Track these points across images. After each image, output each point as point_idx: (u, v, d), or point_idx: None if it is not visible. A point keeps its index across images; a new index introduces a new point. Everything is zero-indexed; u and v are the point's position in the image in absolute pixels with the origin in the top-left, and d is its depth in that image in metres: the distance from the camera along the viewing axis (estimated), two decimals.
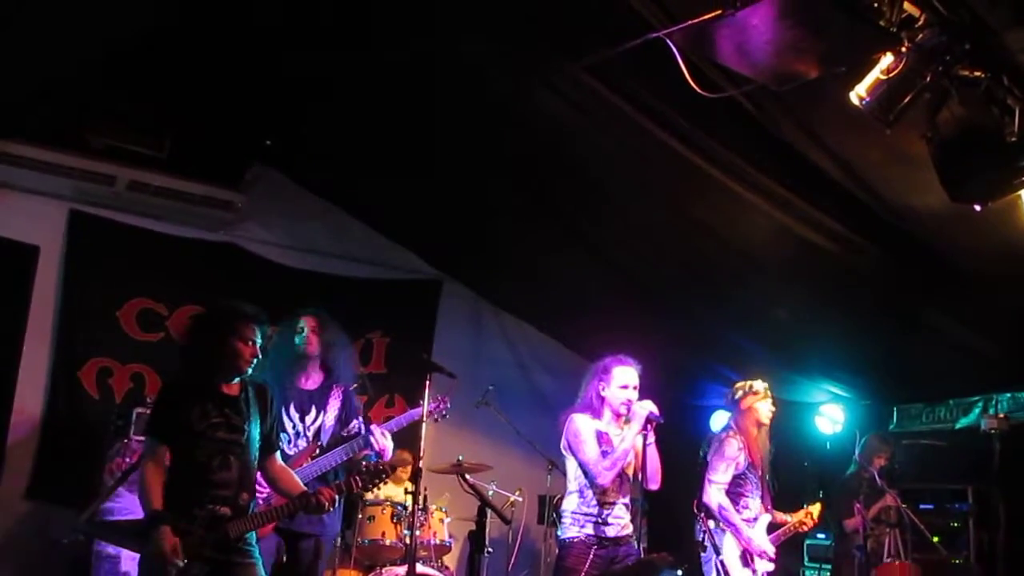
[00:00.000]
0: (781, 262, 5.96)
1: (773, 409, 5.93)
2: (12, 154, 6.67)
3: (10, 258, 6.94)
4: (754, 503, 5.83)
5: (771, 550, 5.75)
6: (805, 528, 6.05)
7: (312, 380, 5.30)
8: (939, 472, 7.16)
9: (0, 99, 6.23)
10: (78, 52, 6.06)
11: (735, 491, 5.76)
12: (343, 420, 5.29)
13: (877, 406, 7.56)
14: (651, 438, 5.09)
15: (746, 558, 5.73)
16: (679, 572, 6.27)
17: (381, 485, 4.77)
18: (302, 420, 5.17)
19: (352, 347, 5.55)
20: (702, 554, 5.65)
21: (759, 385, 5.92)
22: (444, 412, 5.47)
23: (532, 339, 8.70)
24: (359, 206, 7.94)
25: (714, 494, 5.70)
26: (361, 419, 5.41)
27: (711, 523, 5.71)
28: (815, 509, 6.02)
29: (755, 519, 5.84)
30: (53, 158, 6.76)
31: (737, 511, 5.72)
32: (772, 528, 5.90)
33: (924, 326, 6.19)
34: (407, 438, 5.52)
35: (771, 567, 5.81)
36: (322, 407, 5.23)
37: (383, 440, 5.16)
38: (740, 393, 5.89)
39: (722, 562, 5.66)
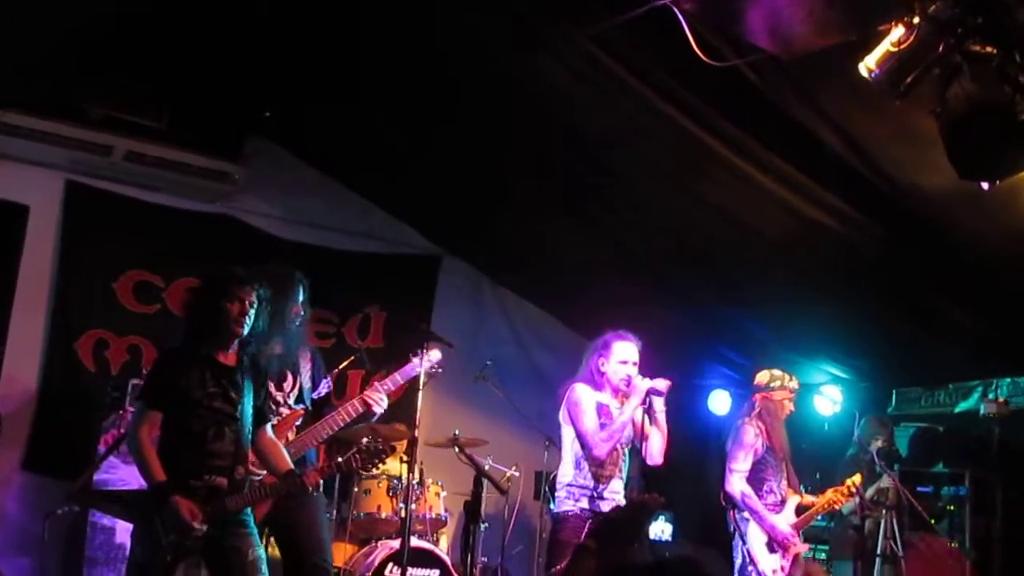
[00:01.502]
0: (783, 241, 5.91)
1: (793, 399, 5.98)
2: (8, 123, 6.60)
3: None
4: (778, 488, 5.85)
5: (793, 535, 5.76)
6: (837, 506, 6.07)
7: (280, 345, 5.00)
8: (937, 456, 7.15)
9: None
10: (75, 21, 6.00)
11: (757, 477, 5.79)
12: (314, 381, 5.13)
13: (876, 389, 7.54)
14: (661, 406, 5.09)
15: (772, 545, 5.74)
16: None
17: (381, 464, 4.75)
18: (279, 388, 4.98)
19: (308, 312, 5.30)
20: (733, 542, 5.70)
21: (778, 374, 5.93)
22: (433, 367, 5.31)
23: (532, 316, 8.67)
24: (358, 180, 7.89)
25: (736, 482, 5.73)
26: (328, 380, 5.27)
27: (737, 513, 5.74)
28: (853, 480, 6.02)
29: (781, 503, 5.85)
30: (49, 127, 6.70)
31: (760, 497, 5.74)
32: (801, 510, 5.90)
33: (926, 308, 6.15)
34: (404, 413, 5.49)
35: (803, 548, 5.82)
36: (296, 370, 5.06)
37: (380, 403, 5.07)
38: (777, 383, 5.92)
39: (748, 550, 5.68)
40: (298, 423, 5.01)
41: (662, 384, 5.11)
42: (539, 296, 8.60)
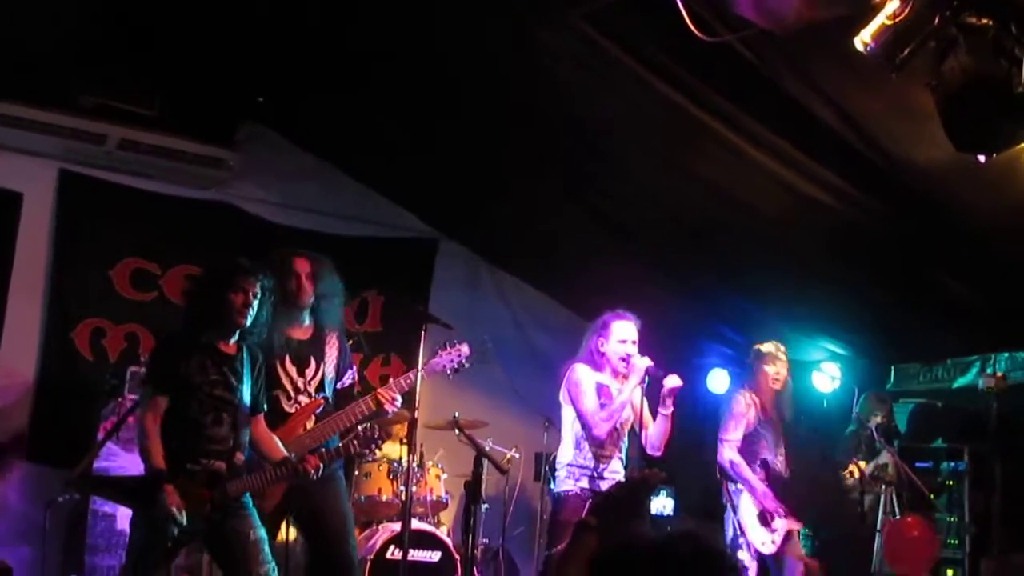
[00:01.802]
0: (780, 218, 5.90)
1: (781, 374, 5.96)
2: (2, 113, 6.57)
3: None
4: (774, 461, 5.87)
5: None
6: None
7: (305, 329, 4.99)
8: (936, 431, 7.16)
9: None
10: (67, 9, 5.97)
11: (750, 449, 5.82)
12: (339, 371, 5.05)
13: (874, 365, 7.55)
14: (669, 409, 5.11)
15: (764, 517, 5.75)
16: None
17: (376, 450, 4.75)
18: (300, 374, 4.90)
19: (342, 287, 5.21)
20: (724, 514, 5.72)
21: (766, 347, 5.96)
22: (461, 362, 5.19)
23: (530, 298, 8.66)
24: (354, 164, 7.87)
25: (725, 451, 5.76)
26: (355, 370, 5.23)
27: (731, 485, 5.76)
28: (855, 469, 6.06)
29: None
30: (42, 117, 6.66)
31: (753, 470, 5.75)
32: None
33: (923, 284, 6.15)
34: (403, 396, 5.46)
35: (797, 525, 5.82)
36: (320, 357, 4.97)
37: (394, 403, 4.98)
38: (752, 355, 5.97)
39: (739, 521, 5.71)
40: (317, 412, 4.93)
41: (673, 382, 5.13)
42: (536, 278, 8.59)
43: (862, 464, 6.10)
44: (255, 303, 4.31)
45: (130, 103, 6.87)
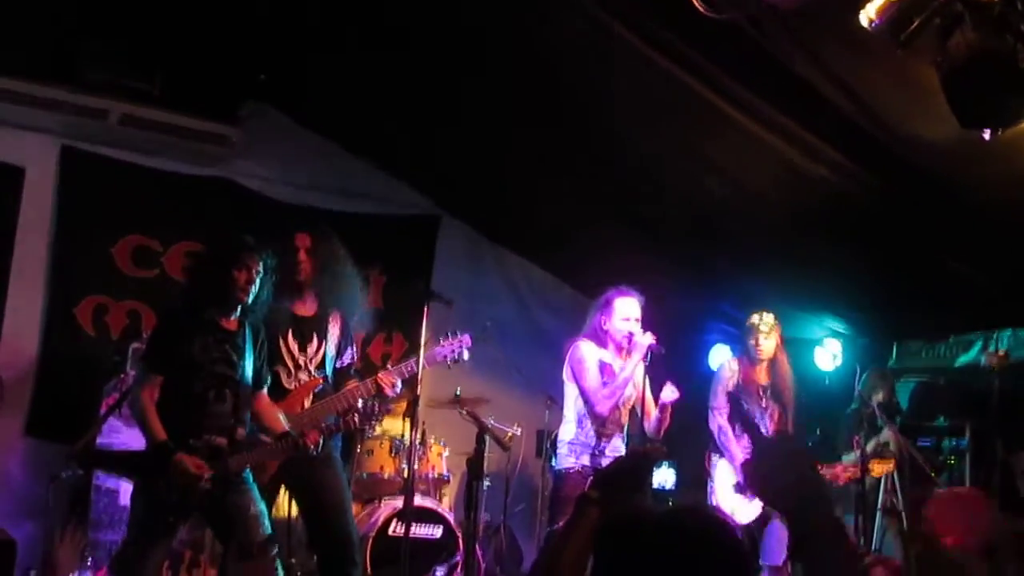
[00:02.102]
0: (783, 195, 5.88)
1: (762, 346, 5.97)
2: (1, 88, 6.55)
3: None
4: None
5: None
6: (839, 482, 6.11)
7: (308, 306, 4.96)
8: (938, 409, 7.16)
9: None
10: None
11: (731, 418, 5.85)
12: (339, 350, 5.02)
13: (876, 343, 7.54)
14: (672, 397, 5.13)
15: (741, 487, 5.77)
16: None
17: (376, 425, 4.76)
18: (302, 350, 4.87)
19: (355, 272, 5.22)
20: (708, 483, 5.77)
21: (751, 319, 5.99)
22: (460, 353, 5.16)
23: (532, 275, 8.65)
24: (356, 141, 7.84)
25: (713, 418, 5.84)
26: (354, 349, 5.19)
27: (714, 455, 5.81)
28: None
29: None
30: (43, 92, 6.65)
31: (737, 439, 5.79)
32: None
33: (926, 261, 6.14)
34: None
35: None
36: (323, 335, 4.94)
37: (394, 388, 4.95)
38: (748, 326, 6.01)
39: (712, 488, 5.75)
40: (316, 390, 4.92)
41: (669, 395, 5.16)
42: (539, 255, 8.58)
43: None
44: (257, 280, 4.31)
45: (132, 79, 6.85)
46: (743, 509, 5.72)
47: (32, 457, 6.77)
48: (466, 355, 5.20)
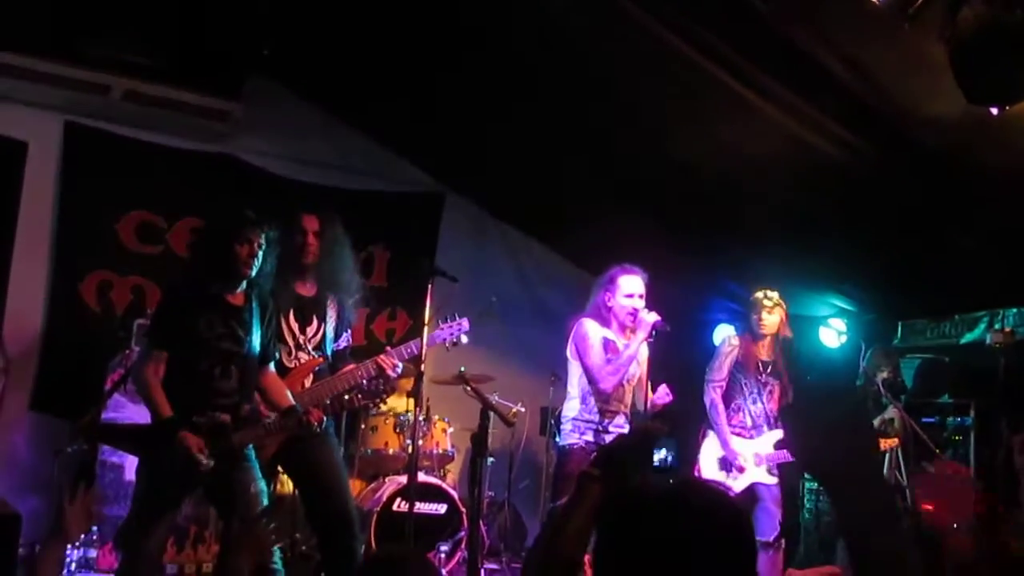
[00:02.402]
0: (788, 171, 5.85)
1: (766, 321, 5.94)
2: (4, 63, 6.52)
3: None
4: (750, 410, 5.88)
5: (749, 465, 5.76)
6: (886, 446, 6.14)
7: (309, 286, 4.94)
8: (942, 387, 7.15)
9: None
10: None
11: (727, 394, 5.87)
12: (336, 332, 5.01)
13: (882, 321, 7.53)
14: (664, 400, 5.14)
15: (726, 463, 5.79)
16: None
17: (381, 404, 4.75)
18: (302, 331, 4.86)
19: (353, 256, 5.23)
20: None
21: (756, 295, 5.98)
22: (459, 337, 5.19)
23: (536, 253, 8.64)
24: (360, 118, 7.82)
25: (708, 392, 5.86)
26: (349, 334, 5.17)
27: (709, 430, 5.83)
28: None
29: (753, 428, 5.88)
30: (46, 68, 6.61)
31: (728, 413, 5.80)
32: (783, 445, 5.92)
33: (931, 239, 6.12)
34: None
35: (770, 480, 5.81)
36: (323, 316, 4.94)
37: (394, 369, 4.93)
38: (753, 302, 6.01)
39: (699, 462, 5.78)
40: (316, 370, 4.91)
41: (663, 397, 5.20)
42: (543, 233, 8.56)
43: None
44: (260, 254, 4.30)
45: (134, 54, 6.81)
46: (728, 484, 5.72)
47: (37, 432, 6.80)
48: (464, 339, 5.22)
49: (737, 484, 5.70)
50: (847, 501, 1.59)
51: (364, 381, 4.77)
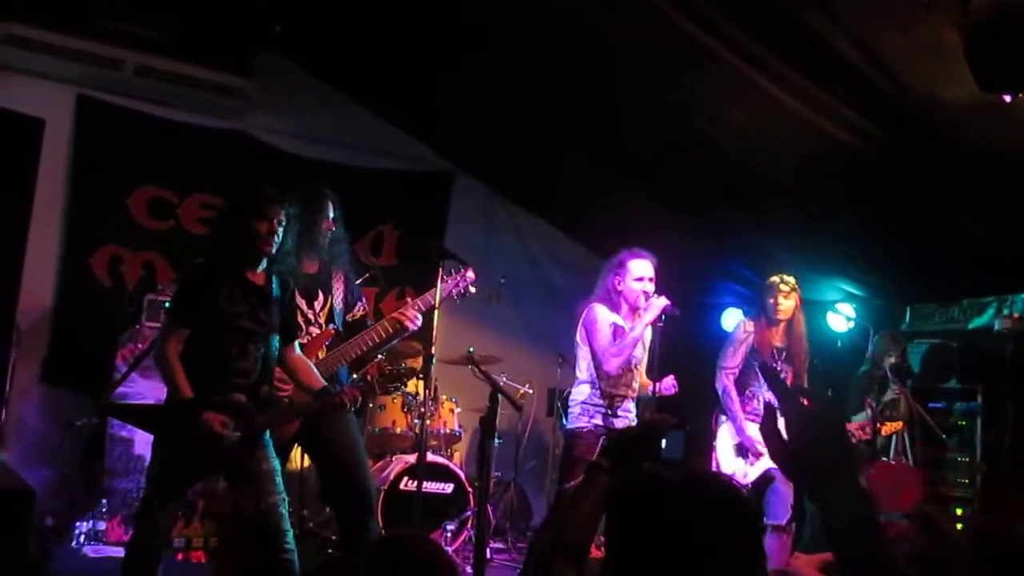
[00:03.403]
0: (797, 156, 5.84)
1: (782, 305, 5.89)
2: (18, 36, 6.53)
3: (15, 131, 6.81)
4: (767, 395, 5.84)
5: (765, 450, 5.76)
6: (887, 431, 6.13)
7: (312, 264, 4.93)
8: (950, 372, 7.14)
9: None
10: None
11: (741, 380, 5.81)
12: (348, 303, 5.03)
13: (890, 305, 7.52)
14: (670, 391, 5.14)
15: (742, 449, 5.77)
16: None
17: (402, 387, 4.75)
18: (310, 306, 4.88)
19: (348, 239, 5.19)
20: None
21: (772, 279, 5.91)
22: (466, 287, 5.15)
23: (545, 235, 8.64)
24: (371, 96, 7.81)
25: (721, 379, 5.79)
26: (364, 302, 5.19)
27: (721, 416, 5.80)
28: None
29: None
30: (60, 41, 6.63)
31: (741, 400, 5.76)
32: None
33: (941, 224, 6.11)
34: (419, 330, 5.49)
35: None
36: (328, 290, 4.95)
37: (415, 321, 4.96)
38: (766, 287, 5.94)
39: (714, 446, 5.76)
40: (328, 343, 4.93)
41: (669, 388, 5.22)
42: (552, 215, 8.56)
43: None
44: (280, 231, 4.27)
45: (148, 28, 6.82)
46: (745, 471, 5.72)
47: (48, 404, 6.85)
48: (472, 289, 5.20)
49: (754, 470, 5.71)
50: (825, 502, 1.59)
51: (388, 368, 4.77)
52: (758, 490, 5.68)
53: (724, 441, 5.80)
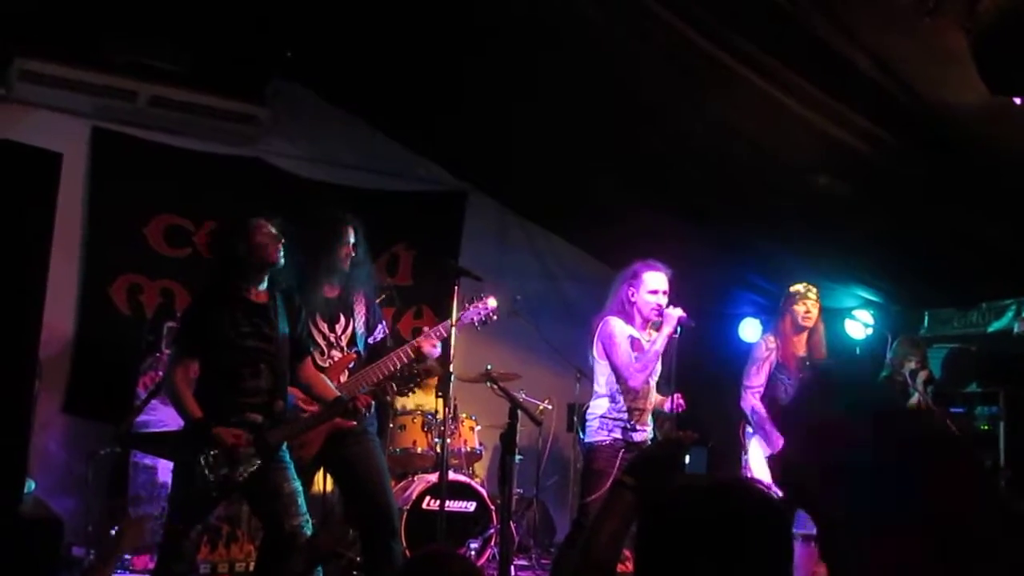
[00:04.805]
0: (811, 164, 5.84)
1: (812, 312, 5.89)
2: (33, 71, 6.62)
3: (33, 166, 6.87)
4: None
5: None
6: None
7: (333, 288, 5.01)
8: (970, 376, 7.10)
9: (18, 13, 6.17)
10: None
11: (769, 395, 5.78)
12: (369, 327, 5.09)
13: (908, 311, 7.49)
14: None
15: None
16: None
17: (416, 389, 4.79)
18: (332, 330, 4.94)
19: (371, 262, 5.31)
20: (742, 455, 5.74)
21: (796, 287, 5.91)
22: (487, 315, 5.23)
23: (559, 249, 8.67)
24: (382, 118, 7.86)
25: (747, 399, 5.75)
26: (384, 324, 5.26)
27: (747, 427, 5.78)
28: None
29: None
30: (74, 75, 6.71)
31: (770, 416, 5.74)
32: None
33: (957, 229, 6.08)
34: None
35: None
36: (350, 314, 5.01)
37: (435, 349, 5.05)
38: (783, 297, 5.92)
39: (746, 462, 5.73)
40: (350, 367, 4.97)
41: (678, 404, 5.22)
42: (566, 229, 8.58)
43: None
44: (280, 246, 4.31)
45: (160, 60, 6.90)
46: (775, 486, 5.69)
47: (71, 434, 6.89)
48: (493, 316, 5.27)
49: None
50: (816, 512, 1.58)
51: (401, 365, 4.80)
52: (790, 501, 5.65)
53: (756, 452, 5.78)
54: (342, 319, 4.98)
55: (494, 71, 6.34)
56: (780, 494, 1.87)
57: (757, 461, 5.76)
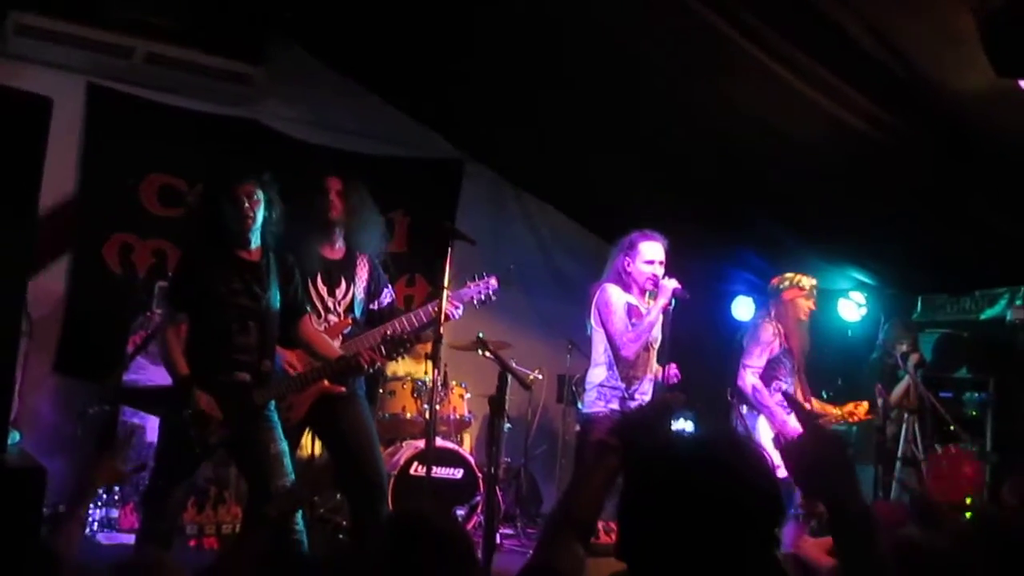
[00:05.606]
0: (812, 143, 5.81)
1: (813, 308, 5.92)
2: (28, 25, 6.54)
3: (23, 110, 6.80)
4: (792, 390, 5.85)
5: None
6: (853, 419, 6.08)
7: (337, 249, 4.97)
8: (960, 361, 7.12)
9: None
10: None
11: (769, 375, 5.78)
12: (371, 292, 5.05)
13: (901, 295, 7.50)
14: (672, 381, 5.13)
15: (780, 441, 5.75)
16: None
17: (404, 355, 4.77)
18: (331, 294, 4.89)
19: (380, 218, 5.26)
20: None
21: (806, 282, 5.89)
22: (488, 294, 5.23)
23: (554, 221, 8.63)
24: (380, 84, 7.80)
25: (748, 377, 5.73)
26: (391, 288, 5.21)
27: (744, 408, 5.77)
28: (864, 406, 6.05)
29: None
30: (70, 29, 6.63)
31: (771, 395, 5.74)
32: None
33: (955, 214, 6.08)
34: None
35: None
36: (351, 278, 4.97)
37: (457, 312, 5.03)
38: (786, 284, 5.89)
39: (757, 444, 5.73)
40: (345, 332, 4.93)
41: (671, 377, 5.22)
42: (563, 201, 8.55)
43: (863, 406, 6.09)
44: (261, 204, 4.30)
45: (157, 16, 6.82)
46: (782, 465, 5.70)
47: (61, 394, 6.86)
48: (493, 296, 5.25)
49: None
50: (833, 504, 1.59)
51: (390, 332, 4.76)
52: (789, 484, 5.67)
53: (764, 433, 5.77)
54: (343, 283, 4.94)
55: (496, 40, 6.29)
56: (784, 478, 1.88)
57: (766, 441, 5.77)
